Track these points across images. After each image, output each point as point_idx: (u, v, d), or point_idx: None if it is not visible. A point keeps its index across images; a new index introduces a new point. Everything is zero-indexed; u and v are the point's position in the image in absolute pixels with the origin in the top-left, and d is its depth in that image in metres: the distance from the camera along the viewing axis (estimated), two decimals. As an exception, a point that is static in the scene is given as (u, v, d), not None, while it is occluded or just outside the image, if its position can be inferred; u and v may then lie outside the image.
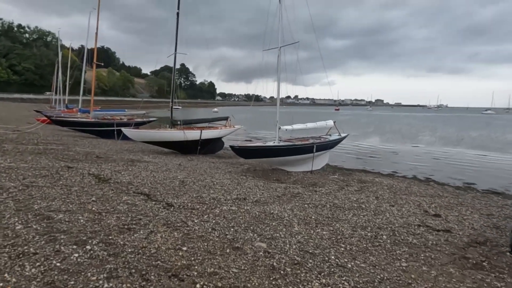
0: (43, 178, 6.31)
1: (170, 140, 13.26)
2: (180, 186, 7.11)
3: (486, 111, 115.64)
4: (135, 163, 10.00)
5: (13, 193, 4.95)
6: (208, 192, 6.83)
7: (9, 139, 12.35)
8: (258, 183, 8.91)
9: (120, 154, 11.79)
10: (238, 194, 6.97)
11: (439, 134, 34.21)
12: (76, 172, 7.31)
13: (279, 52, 10.95)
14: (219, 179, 8.67)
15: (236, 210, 5.42)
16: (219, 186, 7.71)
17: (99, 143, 15.26)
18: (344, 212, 6.06)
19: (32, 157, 8.85)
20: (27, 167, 7.17)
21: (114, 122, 18.28)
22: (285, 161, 10.98)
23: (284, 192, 7.86)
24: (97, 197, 5.25)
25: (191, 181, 7.95)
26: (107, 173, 7.70)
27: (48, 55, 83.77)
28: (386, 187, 9.57)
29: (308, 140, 11.87)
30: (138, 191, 6.09)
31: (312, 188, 8.80)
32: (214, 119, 15.44)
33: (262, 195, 7.16)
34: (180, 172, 9.15)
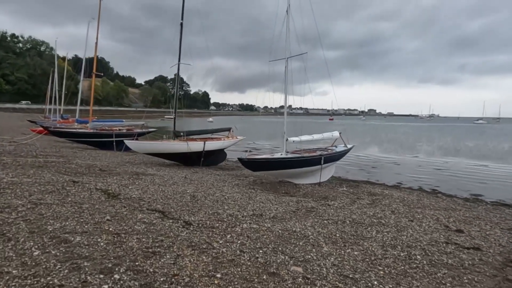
0: (50, 194, 5.99)
1: (174, 152, 12.96)
2: (193, 202, 6.83)
3: (478, 121, 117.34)
4: (140, 176, 9.69)
5: (22, 212, 4.63)
6: (223, 208, 6.56)
7: (6, 151, 11.94)
8: (268, 197, 8.66)
9: (123, 167, 11.46)
10: (253, 209, 6.71)
11: (436, 144, 34.37)
12: (83, 187, 6.99)
13: (286, 63, 10.83)
14: (229, 193, 8.41)
15: (257, 229, 5.16)
16: (232, 201, 7.45)
17: (98, 154, 14.89)
18: (367, 229, 5.83)
19: (34, 170, 8.50)
20: (31, 182, 6.84)
21: (113, 133, 17.92)
22: (293, 174, 10.76)
23: (297, 207, 7.62)
24: (111, 216, 4.95)
25: (202, 195, 7.68)
26: (115, 187, 7.39)
27: (41, 64, 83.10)
28: (398, 200, 9.39)
29: (315, 152, 11.68)
30: (151, 208, 5.80)
31: (324, 202, 8.57)
32: (216, 130, 15.19)
33: (277, 211, 6.91)
34: (187, 186, 8.86)
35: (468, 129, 73.30)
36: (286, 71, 10.86)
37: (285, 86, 10.91)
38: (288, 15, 10.70)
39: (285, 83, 10.90)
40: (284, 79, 10.88)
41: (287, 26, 10.73)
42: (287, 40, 10.74)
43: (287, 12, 10.71)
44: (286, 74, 10.85)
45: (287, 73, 10.83)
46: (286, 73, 10.86)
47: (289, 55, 10.80)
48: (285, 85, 10.91)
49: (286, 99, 11.12)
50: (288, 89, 11.09)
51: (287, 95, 11.09)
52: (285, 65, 10.82)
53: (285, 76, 10.87)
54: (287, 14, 10.72)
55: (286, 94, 11.01)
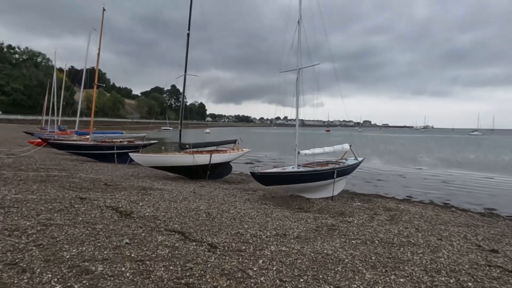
0: (59, 213, 5.56)
1: (179, 165, 12.55)
2: (209, 220, 6.43)
3: (473, 132, 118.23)
4: (148, 191, 9.26)
5: (33, 235, 4.21)
6: (243, 226, 6.16)
7: (6, 165, 11.45)
8: (284, 213, 8.28)
9: (128, 181, 11.01)
10: (275, 228, 6.32)
11: (437, 156, 34.25)
12: (92, 204, 6.56)
13: (297, 74, 10.58)
14: (243, 209, 8.01)
15: (288, 252, 4.76)
16: (249, 218, 7.05)
17: (100, 168, 14.42)
18: (400, 250, 5.46)
19: (37, 186, 8.04)
20: (36, 199, 6.40)
21: (114, 145, 17.47)
22: (305, 188, 10.40)
23: (317, 224, 7.25)
24: (129, 238, 4.54)
25: (216, 212, 7.27)
26: (125, 204, 6.96)
27: (37, 75, 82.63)
28: (418, 216, 9.05)
29: (327, 165, 11.35)
30: (169, 228, 5.38)
31: (342, 218, 8.20)
32: (222, 142, 14.83)
33: (298, 229, 6.53)
34: (199, 202, 8.45)
35: (464, 140, 73.71)
36: (298, 82, 10.60)
37: (296, 98, 10.64)
38: (299, 25, 10.51)
39: (296, 94, 10.63)
40: (296, 91, 10.62)
41: (298, 37, 10.52)
42: (298, 51, 10.52)
43: (298, 23, 10.52)
44: (297, 85, 10.59)
45: (299, 84, 10.58)
46: (297, 84, 10.60)
47: (300, 66, 10.56)
48: (296, 97, 10.64)
49: (297, 110, 10.83)
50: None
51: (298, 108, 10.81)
52: (297, 76, 10.57)
53: (296, 87, 10.61)
54: (298, 25, 10.53)
55: (297, 105, 10.74)
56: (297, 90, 10.61)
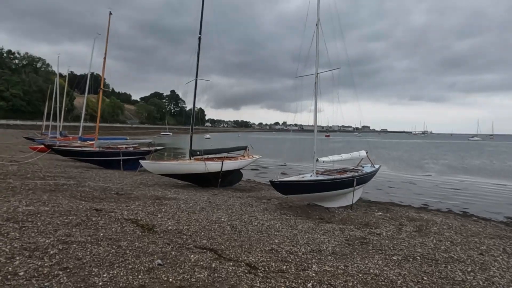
0: (77, 228, 5.13)
1: (191, 172, 12.11)
2: (236, 234, 6.01)
3: (473, 138, 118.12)
4: (163, 201, 8.82)
5: (56, 256, 3.78)
6: (272, 241, 5.74)
7: (11, 172, 11.00)
8: (308, 224, 7.86)
9: (138, 190, 10.57)
10: (306, 243, 5.90)
11: (442, 162, 33.91)
12: (109, 217, 6.12)
13: (316, 79, 10.22)
14: (266, 221, 7.59)
15: (333, 272, 4.34)
16: (275, 231, 6.64)
17: (107, 175, 13.96)
18: (447, 268, 5.05)
19: (48, 196, 7.61)
20: (50, 212, 5.97)
21: (120, 151, 17.03)
22: (325, 197, 9.98)
23: (346, 237, 6.84)
24: (160, 258, 4.11)
25: (240, 224, 6.85)
26: (143, 216, 6.53)
27: (36, 81, 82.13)
28: (446, 227, 8.64)
29: (346, 173, 10.95)
30: (198, 245, 4.95)
31: (369, 230, 7.79)
32: (232, 148, 14.41)
33: (330, 243, 6.11)
34: (218, 212, 8.02)
35: (465, 146, 73.51)
36: (316, 87, 10.24)
37: (314, 103, 10.27)
38: (317, 28, 10.17)
39: (314, 99, 10.26)
40: (314, 95, 10.24)
41: (316, 40, 10.18)
42: (316, 55, 10.18)
43: (316, 26, 10.19)
44: (316, 90, 10.23)
45: (317, 90, 10.21)
46: (316, 89, 10.23)
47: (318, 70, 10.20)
48: (314, 102, 10.26)
49: (315, 116, 10.45)
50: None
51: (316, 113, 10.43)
52: (315, 81, 10.21)
53: (314, 92, 10.24)
54: (316, 28, 10.20)
55: (315, 111, 10.36)
56: (315, 96, 10.25)
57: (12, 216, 5.35)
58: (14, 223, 5.01)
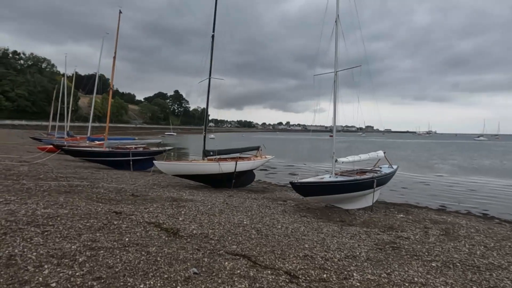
0: (101, 232, 4.88)
1: (205, 173, 11.86)
2: (264, 238, 5.74)
3: (478, 138, 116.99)
4: (180, 202, 8.57)
5: (86, 264, 3.53)
6: (303, 246, 5.47)
7: (23, 173, 10.80)
8: (332, 227, 7.60)
9: (152, 191, 10.33)
10: (337, 248, 5.62)
11: (451, 162, 33.47)
12: (130, 220, 5.88)
13: (335, 77, 9.93)
14: (288, 224, 7.33)
15: (377, 281, 4.07)
16: (302, 235, 6.37)
17: (118, 176, 13.74)
18: (493, 276, 4.77)
19: (64, 198, 7.38)
20: (69, 215, 5.73)
21: (129, 152, 16.82)
22: (345, 198, 9.69)
23: (374, 241, 6.57)
24: (193, 265, 3.85)
25: (263, 228, 6.60)
26: (164, 219, 6.29)
27: (41, 81, 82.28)
28: (474, 230, 8.33)
29: (365, 174, 10.67)
30: (229, 251, 4.69)
31: (396, 234, 7.50)
32: (245, 148, 14.15)
33: (361, 248, 5.85)
34: (238, 214, 7.76)
35: (472, 146, 72.79)
36: (335, 85, 9.95)
37: (334, 102, 9.99)
38: (336, 25, 9.89)
39: (333, 98, 9.98)
40: (333, 95, 9.96)
41: (335, 37, 9.90)
42: (336, 52, 9.90)
43: (336, 23, 9.91)
44: (335, 89, 9.94)
45: (337, 88, 9.92)
46: (335, 88, 9.95)
47: (337, 68, 9.92)
48: (334, 101, 9.98)
49: (335, 116, 10.16)
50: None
51: (335, 113, 10.14)
52: (334, 79, 9.92)
53: (333, 91, 9.95)
54: (335, 25, 9.91)
55: (335, 110, 10.07)
56: (334, 95, 9.96)
57: (32, 220, 5.12)
58: (35, 227, 4.77)
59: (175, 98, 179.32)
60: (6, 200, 6.46)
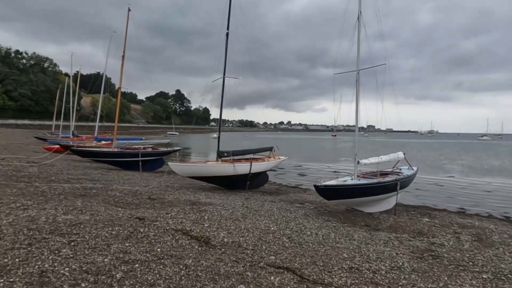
0: (129, 242, 4.56)
1: (219, 175, 11.53)
2: (299, 247, 5.41)
3: (482, 137, 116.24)
4: (199, 206, 8.25)
5: (125, 282, 3.21)
6: (342, 256, 5.14)
7: (34, 175, 10.49)
8: (362, 233, 7.26)
9: (168, 193, 10.01)
10: (378, 258, 5.29)
11: (460, 162, 33.08)
12: (156, 227, 5.55)
13: (357, 76, 9.59)
14: (316, 229, 7.00)
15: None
16: (335, 243, 6.04)
17: (129, 177, 13.42)
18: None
19: (81, 202, 7.06)
20: (91, 222, 5.41)
21: (139, 152, 16.50)
22: (369, 201, 9.35)
23: (409, 248, 6.25)
24: (240, 282, 3.53)
25: (293, 234, 6.28)
26: (190, 226, 5.96)
27: (44, 81, 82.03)
28: (506, 236, 7.99)
29: (388, 176, 10.33)
30: (270, 263, 4.36)
31: (428, 240, 7.17)
32: (258, 149, 13.81)
33: (400, 257, 5.51)
34: (261, 219, 7.44)
35: (476, 145, 72.29)
36: (357, 85, 9.60)
37: (356, 102, 9.63)
38: (359, 22, 9.54)
39: (356, 98, 9.62)
40: (355, 94, 9.61)
41: (358, 35, 9.55)
42: (358, 50, 9.54)
43: (358, 19, 9.55)
44: (357, 89, 9.59)
45: (359, 87, 9.57)
46: (357, 87, 9.60)
47: (360, 67, 9.57)
48: (356, 101, 9.63)
49: (357, 115, 9.80)
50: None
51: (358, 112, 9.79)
52: (356, 78, 9.57)
53: (356, 91, 9.60)
54: (358, 21, 9.56)
55: (357, 110, 9.71)
56: (357, 94, 9.61)
57: (55, 228, 4.80)
58: (60, 236, 4.45)
59: (177, 98, 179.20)
60: (23, 205, 6.15)
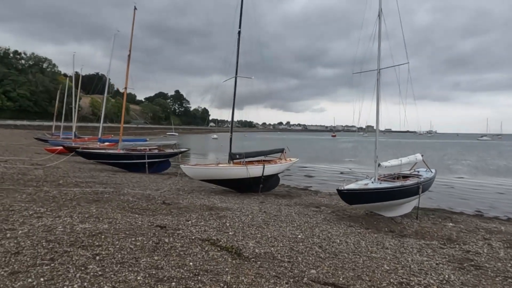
0: (157, 254, 4.19)
1: (233, 177, 11.16)
2: (335, 257, 5.05)
3: (482, 137, 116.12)
4: (217, 211, 7.88)
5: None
6: (382, 267, 4.78)
7: (41, 178, 10.08)
8: (392, 241, 6.90)
9: (182, 197, 9.63)
10: (422, 270, 4.93)
11: (465, 163, 32.83)
12: (180, 237, 5.18)
13: (378, 75, 9.23)
14: (343, 236, 6.65)
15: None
16: (370, 252, 5.69)
17: (136, 179, 13.03)
18: None
19: (95, 208, 6.67)
20: (111, 231, 5.03)
21: (145, 154, 16.10)
22: (392, 205, 9.00)
23: (444, 257, 5.94)
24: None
25: (323, 243, 5.93)
26: (215, 234, 5.59)
27: (43, 81, 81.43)
28: (539, 242, 7.63)
29: (409, 179, 9.98)
30: (313, 278, 4.00)
31: (460, 247, 6.81)
32: (270, 151, 13.44)
33: (442, 268, 5.15)
34: (284, 226, 7.09)
35: (478, 145, 72.11)
36: (378, 84, 9.25)
37: (377, 102, 9.27)
38: (380, 19, 9.19)
39: (377, 98, 9.26)
40: (376, 94, 9.25)
41: (379, 32, 9.20)
42: (378, 49, 9.19)
43: (379, 16, 9.21)
44: (378, 88, 9.24)
45: (380, 87, 9.23)
46: (378, 86, 9.25)
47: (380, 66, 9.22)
48: (377, 101, 9.27)
49: (378, 116, 9.44)
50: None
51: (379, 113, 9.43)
52: (377, 78, 9.22)
53: (376, 90, 9.25)
54: (378, 18, 9.21)
55: (378, 110, 9.35)
56: (377, 94, 9.25)
57: (75, 239, 4.42)
58: (82, 249, 4.07)
59: (176, 98, 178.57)
60: (36, 212, 5.76)
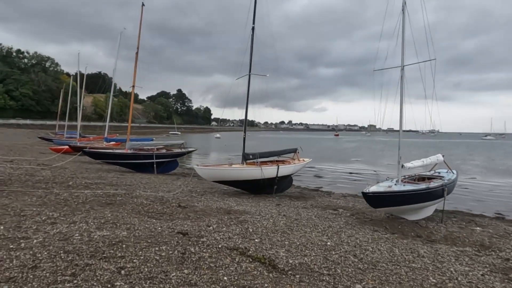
0: (186, 267, 3.80)
1: (247, 179, 10.77)
2: (375, 269, 4.65)
3: (486, 137, 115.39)
4: (236, 215, 7.48)
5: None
6: (430, 281, 4.40)
7: (50, 180, 9.71)
8: (425, 248, 6.49)
9: (196, 200, 9.25)
10: (470, 282, 4.54)
11: (474, 163, 32.39)
12: (206, 246, 4.79)
13: (402, 72, 8.81)
14: (373, 243, 6.25)
15: None
16: (409, 262, 5.28)
17: (145, 180, 12.65)
18: None
19: (110, 212, 6.30)
20: (131, 239, 4.65)
21: (153, 154, 15.72)
22: (416, 208, 8.58)
23: (485, 266, 5.54)
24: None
25: (355, 250, 5.53)
26: (240, 242, 5.20)
27: (46, 80, 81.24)
28: None
29: (431, 180, 9.57)
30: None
31: (496, 254, 6.41)
32: (282, 151, 13.04)
33: (487, 279, 4.76)
34: (309, 231, 6.70)
35: (482, 145, 71.54)
36: (402, 81, 8.83)
37: (400, 100, 8.86)
38: (404, 14, 8.77)
39: (400, 96, 8.85)
40: (400, 91, 8.84)
41: (402, 29, 8.77)
42: (402, 45, 8.77)
43: (402, 11, 8.78)
44: (402, 86, 8.81)
45: (404, 85, 8.80)
46: (402, 84, 8.82)
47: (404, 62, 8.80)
48: (400, 99, 8.86)
49: (401, 114, 9.02)
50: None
51: (402, 111, 9.00)
52: (401, 75, 8.80)
53: (400, 88, 8.83)
54: (402, 13, 8.79)
55: (401, 109, 8.93)
56: (401, 91, 8.84)
57: (94, 249, 4.04)
58: (104, 261, 3.69)
59: (178, 97, 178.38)
60: (49, 217, 5.38)
